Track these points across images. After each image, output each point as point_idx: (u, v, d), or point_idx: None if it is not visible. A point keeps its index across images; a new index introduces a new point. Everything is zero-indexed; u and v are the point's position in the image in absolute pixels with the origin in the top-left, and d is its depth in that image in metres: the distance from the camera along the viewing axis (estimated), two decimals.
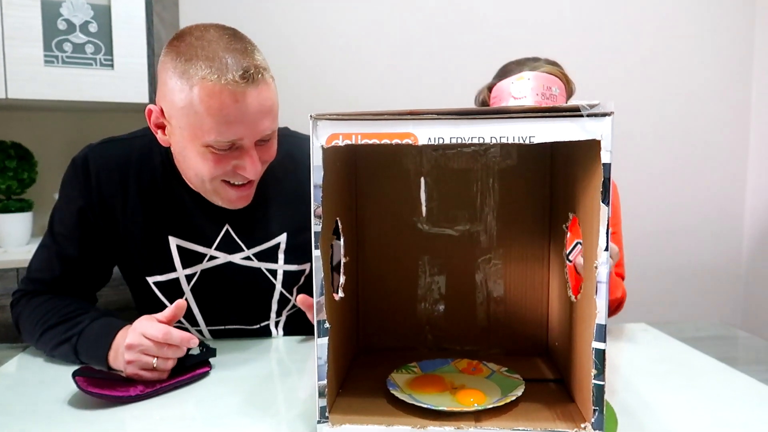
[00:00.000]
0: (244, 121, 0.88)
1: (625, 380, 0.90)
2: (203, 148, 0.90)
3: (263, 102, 0.89)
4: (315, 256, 0.68)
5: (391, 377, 0.82)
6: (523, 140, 0.63)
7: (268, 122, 0.91)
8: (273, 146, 0.97)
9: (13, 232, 1.74)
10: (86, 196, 1.02)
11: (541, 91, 1.19)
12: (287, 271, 1.10)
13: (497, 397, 0.76)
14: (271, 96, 0.91)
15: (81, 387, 0.81)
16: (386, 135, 0.65)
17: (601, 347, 0.65)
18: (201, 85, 0.85)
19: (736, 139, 2.33)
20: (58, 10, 1.64)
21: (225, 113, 0.86)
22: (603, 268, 0.64)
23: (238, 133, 0.89)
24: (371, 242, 0.96)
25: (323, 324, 0.70)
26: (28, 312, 1.03)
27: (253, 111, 0.88)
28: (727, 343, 1.16)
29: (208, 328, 1.11)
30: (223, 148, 0.90)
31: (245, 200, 1.00)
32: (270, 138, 0.95)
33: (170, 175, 1.03)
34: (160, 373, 0.88)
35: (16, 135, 1.86)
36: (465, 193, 0.94)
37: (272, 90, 0.92)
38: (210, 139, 0.88)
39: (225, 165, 0.92)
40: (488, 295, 0.96)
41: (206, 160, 0.91)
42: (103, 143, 1.06)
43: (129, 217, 1.03)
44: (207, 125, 0.87)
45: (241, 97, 0.86)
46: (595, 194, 0.65)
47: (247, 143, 0.91)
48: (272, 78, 0.92)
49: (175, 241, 1.04)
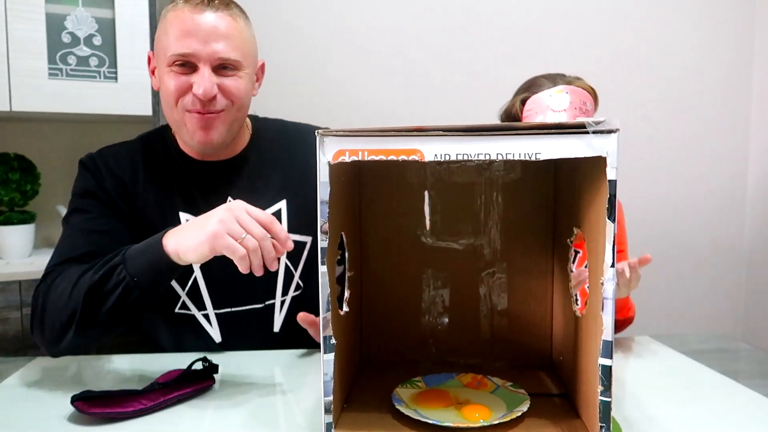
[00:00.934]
0: (197, 35, 0.98)
1: (629, 394, 0.90)
2: (167, 68, 1.00)
3: (219, 25, 0.99)
4: (321, 272, 0.68)
5: (396, 392, 0.82)
6: (529, 157, 0.64)
7: (224, 46, 0.99)
8: (236, 82, 1.02)
9: (16, 244, 1.74)
10: (100, 182, 1.07)
11: (578, 105, 1.23)
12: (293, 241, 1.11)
13: (503, 413, 0.76)
14: (231, 25, 1.00)
15: (81, 410, 0.80)
16: (393, 151, 0.65)
17: (607, 363, 0.65)
18: (169, 15, 1.01)
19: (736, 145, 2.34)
20: (62, 23, 1.65)
21: (182, 27, 0.98)
22: (609, 284, 0.65)
23: (191, 47, 0.98)
24: (375, 256, 0.96)
25: (329, 340, 0.70)
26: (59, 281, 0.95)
27: (207, 29, 0.98)
28: (729, 356, 1.16)
29: (215, 311, 1.11)
30: (180, 63, 0.99)
31: (210, 132, 1.03)
32: (233, 70, 1.02)
33: (172, 156, 1.10)
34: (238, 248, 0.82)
35: (20, 147, 1.86)
36: (469, 207, 0.95)
37: (234, 24, 1.01)
38: (170, 53, 0.99)
39: (183, 83, 1.00)
40: (492, 309, 0.96)
41: (170, 81, 1.00)
42: (105, 147, 1.13)
43: (142, 198, 1.08)
44: (167, 42, 0.99)
45: (199, 15, 0.98)
46: (601, 210, 0.65)
47: (202, 63, 0.99)
48: (241, 18, 1.03)
49: (185, 216, 1.08)
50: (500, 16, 2.20)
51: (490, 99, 2.18)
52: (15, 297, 1.56)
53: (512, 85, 1.41)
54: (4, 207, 1.76)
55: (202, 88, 0.98)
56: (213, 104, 1.01)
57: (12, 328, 1.56)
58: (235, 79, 1.02)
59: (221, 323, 1.12)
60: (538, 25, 2.21)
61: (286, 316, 1.15)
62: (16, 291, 1.57)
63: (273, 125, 1.20)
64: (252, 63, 1.07)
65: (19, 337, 0.96)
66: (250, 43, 1.06)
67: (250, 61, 1.06)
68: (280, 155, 1.15)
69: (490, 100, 2.18)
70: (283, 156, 1.15)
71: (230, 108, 1.03)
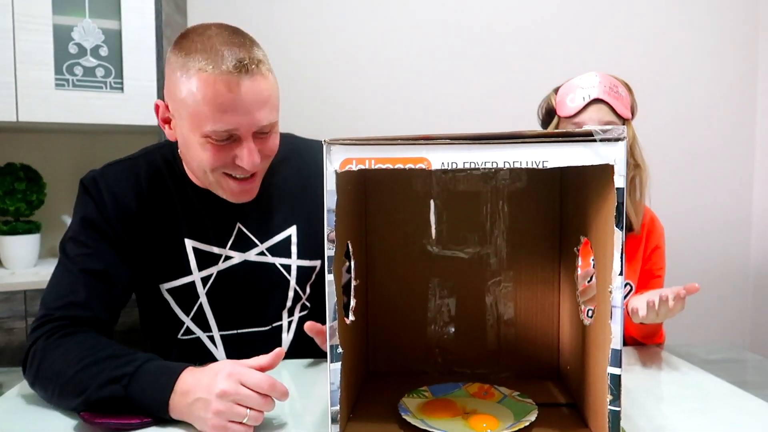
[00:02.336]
0: (239, 110, 0.90)
1: (638, 404, 0.89)
2: (202, 138, 0.93)
3: (258, 92, 0.91)
4: (328, 280, 0.68)
5: (403, 402, 0.82)
6: (536, 165, 0.63)
7: (265, 113, 0.93)
8: (273, 140, 0.99)
9: (21, 255, 1.74)
10: (102, 209, 1.02)
11: (609, 85, 1.26)
12: (300, 267, 1.11)
13: (510, 423, 0.75)
14: (267, 87, 0.93)
15: (87, 420, 0.80)
16: (399, 160, 0.65)
17: (616, 372, 0.65)
18: (198, 75, 0.89)
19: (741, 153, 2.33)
20: (69, 34, 1.66)
21: (219, 102, 0.89)
22: (617, 292, 0.64)
23: (233, 122, 0.91)
24: (381, 265, 0.96)
25: (336, 349, 0.70)
26: (59, 352, 0.89)
27: (248, 100, 0.91)
28: (738, 366, 1.15)
29: (221, 333, 1.10)
30: (221, 138, 0.92)
31: (248, 194, 1.01)
32: (269, 131, 0.97)
33: (179, 181, 1.06)
34: (246, 429, 0.77)
35: (26, 157, 1.87)
36: (475, 216, 0.95)
37: (269, 82, 0.94)
38: (207, 129, 0.91)
39: (224, 156, 0.94)
40: (498, 318, 0.96)
41: (206, 151, 0.94)
42: (108, 165, 1.07)
43: (146, 225, 1.04)
44: (204, 114, 0.90)
45: (235, 87, 0.89)
46: (609, 218, 0.65)
47: (244, 133, 0.93)
48: (270, 71, 0.95)
49: (191, 243, 1.06)
50: (506, 23, 2.20)
51: (497, 107, 2.20)
52: (20, 307, 1.56)
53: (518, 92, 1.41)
54: (9, 217, 1.76)
55: (248, 162, 0.94)
56: (256, 169, 0.98)
57: (17, 338, 1.56)
58: (273, 137, 0.99)
59: (226, 345, 1.11)
60: (543, 32, 2.21)
61: (294, 336, 1.14)
62: (21, 301, 1.57)
63: (285, 145, 1.10)
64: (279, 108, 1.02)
65: (24, 347, 0.95)
66: (278, 89, 0.99)
67: (279, 108, 1.00)
68: (291, 178, 1.12)
69: (496, 107, 2.20)
70: (294, 179, 1.12)
71: (266, 163, 1.01)
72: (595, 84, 1.26)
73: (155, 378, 0.83)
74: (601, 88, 1.25)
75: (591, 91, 1.25)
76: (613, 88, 1.26)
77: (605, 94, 1.25)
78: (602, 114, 1.25)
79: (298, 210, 1.11)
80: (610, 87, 1.26)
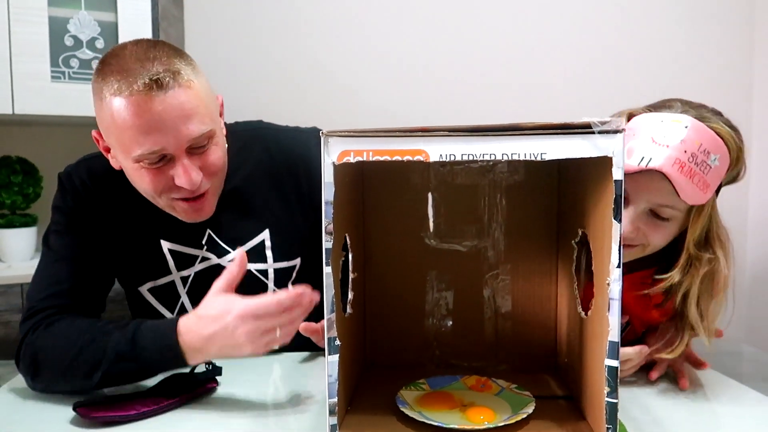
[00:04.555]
0: (160, 128, 0.85)
1: (635, 397, 0.90)
2: (135, 164, 0.89)
3: (178, 106, 0.86)
4: (326, 272, 0.68)
5: (400, 394, 0.82)
6: (535, 157, 0.63)
7: (193, 126, 0.87)
8: (214, 153, 0.93)
9: (17, 248, 1.73)
10: (80, 203, 1.01)
11: (695, 149, 0.87)
12: (278, 269, 1.08)
13: (507, 415, 0.76)
14: (190, 98, 0.87)
15: (84, 415, 0.80)
16: (398, 152, 0.65)
17: (614, 365, 0.65)
18: (112, 100, 0.85)
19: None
20: (65, 26, 1.65)
21: (138, 124, 0.85)
22: (615, 284, 0.64)
23: (158, 141, 0.86)
24: (378, 257, 0.96)
25: (334, 341, 0.70)
26: (52, 339, 0.90)
27: (169, 117, 0.85)
28: (733, 359, 1.16)
29: None
30: (153, 161, 0.88)
31: (202, 212, 0.97)
32: (206, 143, 0.91)
33: None
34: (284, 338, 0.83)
35: (22, 150, 1.86)
36: (472, 209, 0.95)
37: (193, 92, 0.88)
38: (135, 154, 0.87)
39: (162, 179, 0.90)
40: (496, 311, 0.96)
41: (143, 177, 0.90)
42: (83, 160, 1.06)
43: (121, 224, 1.02)
44: (128, 139, 0.86)
45: (151, 105, 0.84)
46: (607, 211, 0.65)
47: (175, 152, 0.88)
48: (194, 80, 0.89)
49: (167, 244, 1.04)
50: (504, 16, 2.19)
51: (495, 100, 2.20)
52: (17, 300, 1.56)
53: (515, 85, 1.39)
54: (6, 210, 1.75)
55: (185, 182, 0.89)
56: (201, 187, 0.93)
57: (14, 332, 1.54)
58: (212, 150, 0.93)
59: None
60: (540, 26, 2.21)
61: None
62: (18, 294, 1.56)
63: (255, 146, 1.07)
64: (217, 115, 0.95)
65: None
66: (210, 95, 0.93)
67: (216, 116, 0.94)
68: (260, 181, 1.07)
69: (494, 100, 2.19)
70: (263, 181, 1.07)
71: (216, 179, 0.96)
72: (675, 142, 0.87)
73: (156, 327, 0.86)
74: (676, 154, 0.87)
75: (655, 153, 0.87)
76: (700, 154, 0.87)
77: (673, 167, 0.87)
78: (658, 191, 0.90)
79: (269, 213, 1.07)
80: (694, 153, 0.87)
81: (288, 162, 1.07)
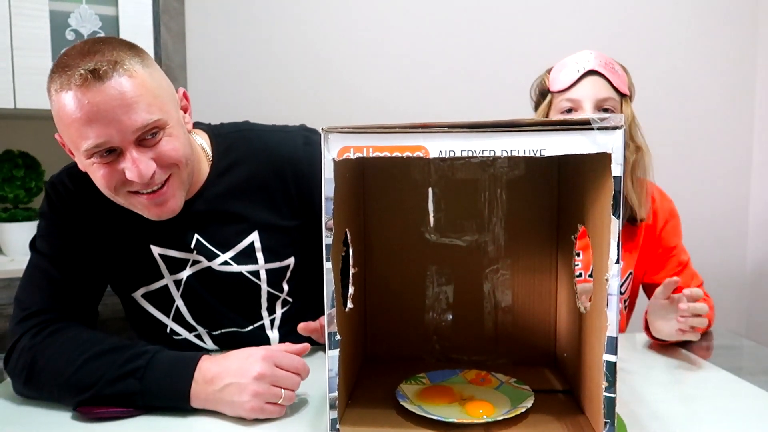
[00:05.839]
0: (100, 119, 0.83)
1: (634, 390, 0.90)
2: (87, 160, 0.88)
3: (118, 95, 0.83)
4: (326, 268, 0.68)
5: (400, 388, 0.82)
6: (534, 153, 0.64)
7: (137, 115, 0.85)
8: (169, 143, 0.89)
9: (20, 241, 1.74)
10: (68, 210, 1.00)
11: (605, 60, 1.22)
12: (270, 270, 1.07)
13: (507, 409, 0.76)
14: (132, 88, 0.85)
15: (86, 414, 0.80)
16: (397, 148, 0.65)
17: (612, 360, 0.65)
18: (56, 97, 0.85)
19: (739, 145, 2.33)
20: (66, 20, 1.65)
21: (78, 117, 0.83)
22: (614, 280, 0.65)
23: (101, 134, 0.84)
24: (379, 252, 0.96)
25: (334, 336, 0.70)
26: (52, 350, 0.87)
27: (109, 107, 0.83)
28: (733, 353, 1.16)
29: (205, 330, 1.09)
30: (102, 155, 0.87)
31: (165, 207, 0.93)
32: (157, 133, 0.88)
33: None
34: (280, 410, 0.81)
35: (24, 144, 1.86)
36: (473, 204, 0.95)
37: (135, 82, 0.85)
38: (83, 148, 0.86)
39: (115, 173, 0.88)
40: (496, 305, 0.97)
41: (97, 172, 0.88)
42: (66, 168, 1.05)
43: (109, 229, 1.01)
44: (74, 134, 0.85)
45: (90, 96, 0.83)
46: (606, 207, 0.65)
47: (122, 142, 0.86)
48: (137, 70, 0.86)
49: (157, 249, 1.02)
50: (503, 12, 2.19)
51: (494, 96, 2.19)
52: None
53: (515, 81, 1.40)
54: (8, 204, 1.76)
55: (135, 174, 0.86)
56: (155, 179, 0.89)
57: None
58: (166, 141, 0.89)
59: (215, 341, 1.10)
60: (541, 23, 2.20)
61: (280, 329, 1.12)
62: None
63: (241, 148, 1.05)
64: (173, 107, 0.92)
65: None
66: (162, 86, 0.91)
67: (171, 107, 0.91)
68: (246, 182, 1.04)
69: (493, 97, 2.19)
70: (249, 182, 1.05)
71: (176, 171, 0.92)
72: (590, 58, 1.23)
73: (171, 368, 0.83)
74: (596, 62, 1.22)
75: (586, 64, 1.22)
76: (609, 63, 1.23)
77: (601, 67, 1.21)
78: (598, 87, 1.21)
79: (258, 214, 1.05)
80: (606, 62, 1.23)
81: (274, 164, 1.05)
